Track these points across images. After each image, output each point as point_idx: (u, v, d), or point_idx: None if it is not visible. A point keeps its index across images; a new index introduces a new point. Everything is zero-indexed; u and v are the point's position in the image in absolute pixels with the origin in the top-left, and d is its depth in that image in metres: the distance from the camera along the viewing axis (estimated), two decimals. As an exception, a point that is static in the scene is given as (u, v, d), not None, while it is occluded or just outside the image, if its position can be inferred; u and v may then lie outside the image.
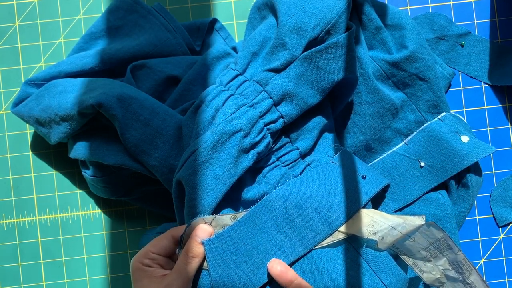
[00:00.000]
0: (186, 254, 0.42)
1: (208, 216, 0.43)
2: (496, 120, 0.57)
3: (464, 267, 0.44)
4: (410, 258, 0.46)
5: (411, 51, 0.50)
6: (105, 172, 0.50)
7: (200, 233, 0.42)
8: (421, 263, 0.46)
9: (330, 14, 0.46)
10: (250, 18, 0.53)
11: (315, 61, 0.46)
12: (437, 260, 0.45)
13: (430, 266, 0.45)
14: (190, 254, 0.42)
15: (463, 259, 0.44)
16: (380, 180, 0.47)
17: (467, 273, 0.44)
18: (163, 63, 0.52)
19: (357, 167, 0.47)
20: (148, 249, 0.44)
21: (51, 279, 0.55)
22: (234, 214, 0.43)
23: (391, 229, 0.44)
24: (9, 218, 0.56)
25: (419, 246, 0.45)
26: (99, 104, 0.46)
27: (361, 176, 0.46)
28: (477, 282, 0.44)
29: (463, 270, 0.44)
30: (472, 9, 0.57)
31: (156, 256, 0.43)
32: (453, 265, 0.44)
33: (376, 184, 0.46)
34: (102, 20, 0.54)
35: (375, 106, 0.51)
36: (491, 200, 0.56)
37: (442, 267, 0.44)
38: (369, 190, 0.45)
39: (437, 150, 0.51)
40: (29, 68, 0.56)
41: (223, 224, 0.43)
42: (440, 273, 0.45)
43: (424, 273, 0.45)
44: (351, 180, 0.46)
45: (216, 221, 0.43)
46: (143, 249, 0.44)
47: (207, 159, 0.43)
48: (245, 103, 0.46)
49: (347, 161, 0.47)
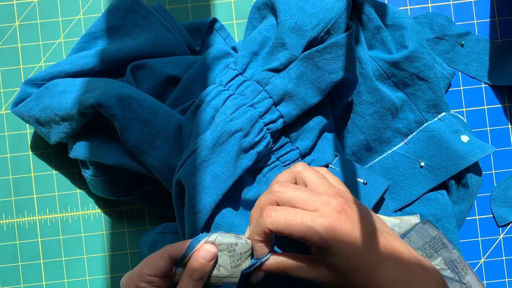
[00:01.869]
0: (190, 277, 0.39)
1: (211, 236, 0.40)
2: (496, 120, 0.57)
3: (459, 266, 0.44)
4: None
5: (411, 51, 0.50)
6: (105, 172, 0.50)
7: (204, 254, 0.39)
8: None
9: (330, 14, 0.46)
10: (250, 18, 0.53)
11: (315, 61, 0.46)
12: (433, 259, 0.45)
13: None
14: (195, 277, 0.39)
15: (458, 257, 0.44)
16: (380, 184, 0.47)
17: (463, 273, 0.44)
18: (163, 63, 0.52)
19: (357, 172, 0.47)
20: (143, 271, 0.40)
21: (51, 279, 0.55)
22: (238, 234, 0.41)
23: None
24: (9, 218, 0.56)
25: (415, 245, 0.45)
26: (99, 104, 0.46)
27: (363, 182, 0.47)
28: (473, 281, 0.44)
29: (459, 269, 0.44)
30: (472, 9, 0.57)
31: (153, 279, 0.40)
32: (449, 265, 0.44)
33: (377, 190, 0.46)
34: (102, 20, 0.54)
35: (375, 106, 0.51)
36: (491, 200, 0.56)
37: (438, 266, 0.44)
38: (370, 197, 0.46)
39: (437, 150, 0.51)
40: (29, 68, 0.56)
41: (227, 242, 0.40)
42: None
43: None
44: (351, 187, 0.46)
45: (220, 240, 0.40)
46: (137, 270, 0.41)
47: (207, 159, 0.44)
48: (245, 103, 0.46)
49: (347, 166, 0.48)
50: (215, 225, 0.44)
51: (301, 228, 0.37)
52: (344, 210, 0.39)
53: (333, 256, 0.38)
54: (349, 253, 0.38)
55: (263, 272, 0.40)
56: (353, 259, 0.38)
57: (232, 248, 0.41)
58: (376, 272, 0.38)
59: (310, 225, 0.37)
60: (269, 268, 0.40)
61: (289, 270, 0.39)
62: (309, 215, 0.38)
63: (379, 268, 0.39)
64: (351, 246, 0.38)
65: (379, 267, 0.39)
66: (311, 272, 0.39)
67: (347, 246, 0.38)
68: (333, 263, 0.38)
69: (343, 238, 0.38)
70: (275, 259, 0.40)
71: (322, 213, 0.38)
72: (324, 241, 0.37)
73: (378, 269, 0.38)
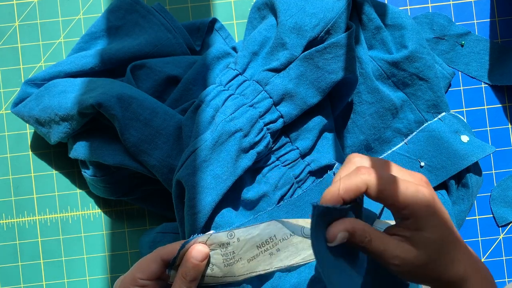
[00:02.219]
0: (183, 278, 0.39)
1: (202, 236, 0.40)
2: (496, 120, 0.57)
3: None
4: None
5: (411, 51, 0.50)
6: (105, 172, 0.50)
7: (196, 254, 0.39)
8: None
9: (330, 14, 0.46)
10: (250, 18, 0.53)
11: (315, 61, 0.46)
12: None
13: None
14: (188, 278, 0.39)
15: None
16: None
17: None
18: (163, 63, 0.52)
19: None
20: (136, 275, 0.40)
21: (51, 279, 0.55)
22: (230, 230, 0.41)
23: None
24: (9, 218, 0.56)
25: None
26: (99, 104, 0.46)
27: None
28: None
29: None
30: (472, 9, 0.57)
31: (146, 282, 0.40)
32: None
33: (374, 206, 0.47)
34: (102, 20, 0.54)
35: (375, 106, 0.51)
36: (491, 200, 0.56)
37: None
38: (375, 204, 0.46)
39: (437, 150, 0.51)
40: (29, 68, 0.56)
41: (219, 242, 0.40)
42: None
43: None
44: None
45: (212, 239, 0.40)
46: (129, 274, 0.40)
47: (206, 159, 0.44)
48: (245, 103, 0.46)
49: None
50: (215, 225, 0.44)
51: (408, 195, 0.34)
52: (428, 182, 0.37)
53: (433, 229, 0.35)
54: (445, 226, 0.36)
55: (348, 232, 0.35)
56: (447, 233, 0.36)
57: (225, 247, 0.40)
58: (461, 250, 0.37)
59: (416, 193, 0.35)
60: (356, 230, 0.35)
61: (375, 243, 0.35)
62: (413, 184, 0.35)
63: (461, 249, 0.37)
64: (447, 219, 0.36)
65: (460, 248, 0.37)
66: (397, 250, 0.35)
67: (444, 218, 0.36)
68: (431, 238, 0.35)
69: (441, 209, 0.36)
70: (364, 225, 0.35)
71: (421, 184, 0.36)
72: (429, 211, 0.35)
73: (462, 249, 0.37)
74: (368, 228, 0.36)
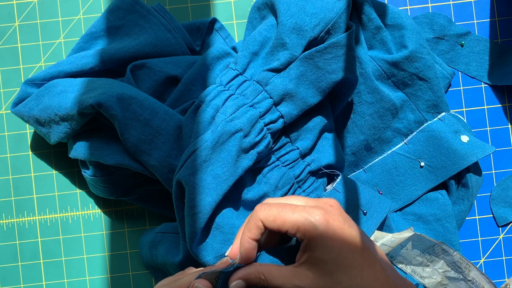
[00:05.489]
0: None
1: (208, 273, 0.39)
2: (496, 120, 0.57)
3: (462, 266, 0.44)
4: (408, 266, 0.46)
5: (411, 51, 0.50)
6: (105, 172, 0.50)
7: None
8: (419, 269, 0.46)
9: (330, 14, 0.46)
10: (250, 18, 0.53)
11: (315, 61, 0.46)
12: (435, 263, 0.45)
13: (429, 270, 0.45)
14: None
15: (460, 258, 0.44)
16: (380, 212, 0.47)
17: (466, 271, 0.44)
18: (163, 63, 0.52)
19: (360, 201, 0.47)
20: None
21: (51, 279, 0.55)
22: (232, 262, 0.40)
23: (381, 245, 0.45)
24: (9, 218, 0.56)
25: (414, 253, 0.45)
26: (98, 104, 0.46)
27: (362, 211, 0.47)
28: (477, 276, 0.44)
29: (462, 269, 0.44)
30: (472, 9, 0.57)
31: None
32: (452, 266, 0.44)
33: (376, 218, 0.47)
34: (102, 20, 0.54)
35: (375, 106, 0.51)
36: (491, 200, 0.56)
37: (441, 269, 0.44)
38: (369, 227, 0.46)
39: (437, 150, 0.51)
40: (29, 68, 0.56)
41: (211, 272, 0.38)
42: (441, 276, 0.45)
43: (425, 278, 0.45)
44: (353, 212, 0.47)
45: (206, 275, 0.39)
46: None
47: (207, 159, 0.43)
48: (245, 103, 0.46)
49: (350, 193, 0.48)
50: (215, 226, 0.44)
51: (294, 219, 0.37)
52: (336, 205, 0.39)
53: (324, 250, 0.37)
54: (341, 249, 0.37)
55: (243, 280, 0.38)
56: (343, 256, 0.37)
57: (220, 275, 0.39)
58: (365, 274, 0.37)
59: (304, 215, 0.37)
60: (249, 276, 0.38)
61: (270, 279, 0.38)
62: (303, 208, 0.38)
63: (368, 270, 0.38)
64: (343, 241, 0.37)
65: (368, 269, 0.38)
66: (294, 279, 0.37)
67: (339, 240, 0.37)
68: (323, 258, 0.37)
69: (336, 231, 0.37)
70: (256, 267, 0.38)
71: (314, 207, 0.38)
72: (317, 232, 0.36)
73: (367, 271, 0.38)
74: (263, 268, 0.38)
